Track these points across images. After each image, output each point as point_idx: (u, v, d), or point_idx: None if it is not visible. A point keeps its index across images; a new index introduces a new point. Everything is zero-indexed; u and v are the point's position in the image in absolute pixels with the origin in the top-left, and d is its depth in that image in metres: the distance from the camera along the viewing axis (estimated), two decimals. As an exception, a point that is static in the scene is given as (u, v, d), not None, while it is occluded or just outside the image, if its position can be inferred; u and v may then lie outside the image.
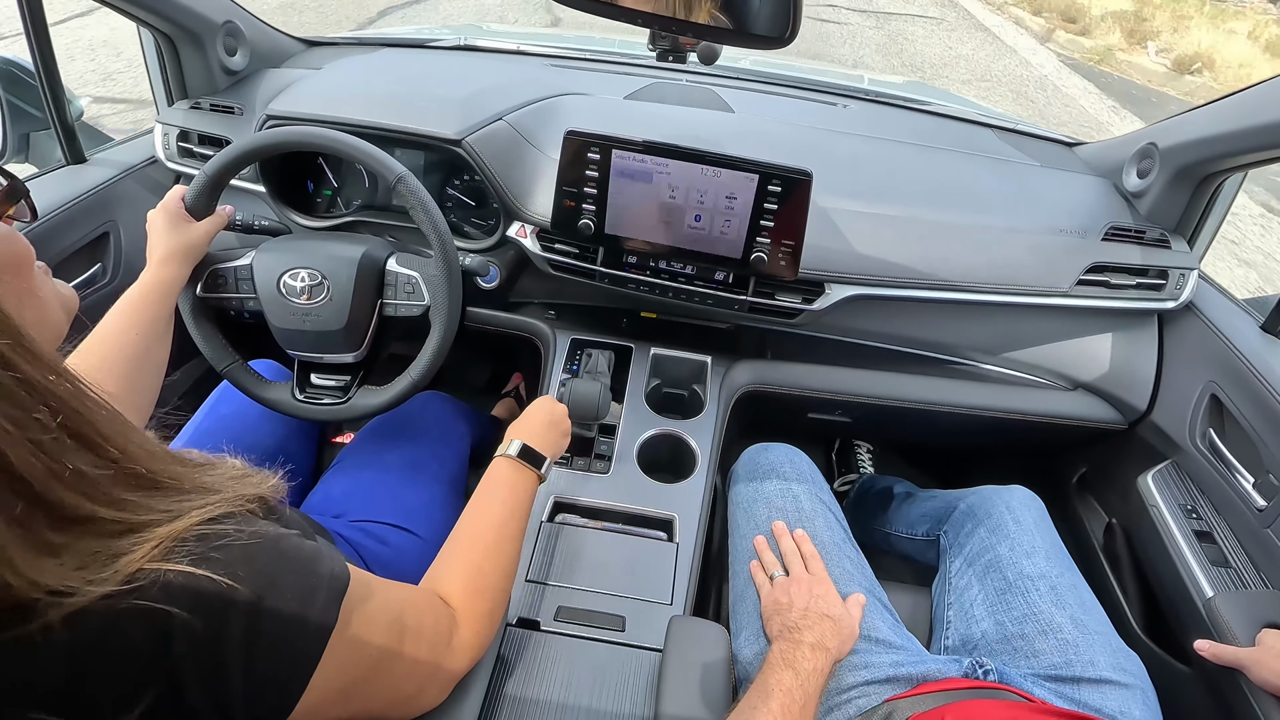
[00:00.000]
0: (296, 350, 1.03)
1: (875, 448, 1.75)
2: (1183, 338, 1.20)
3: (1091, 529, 1.32)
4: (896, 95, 1.60)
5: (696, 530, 0.99)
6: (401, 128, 1.12)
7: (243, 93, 1.32)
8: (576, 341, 1.20)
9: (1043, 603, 0.86)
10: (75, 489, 0.38)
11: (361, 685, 0.51)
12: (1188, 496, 1.12)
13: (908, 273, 1.11)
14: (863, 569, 0.93)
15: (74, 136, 1.24)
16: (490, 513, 0.74)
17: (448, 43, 1.60)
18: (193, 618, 0.39)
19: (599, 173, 1.01)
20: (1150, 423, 1.21)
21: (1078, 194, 1.26)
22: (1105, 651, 0.81)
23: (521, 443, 0.80)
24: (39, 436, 0.36)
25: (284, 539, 0.48)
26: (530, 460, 0.79)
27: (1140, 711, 0.77)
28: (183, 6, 1.18)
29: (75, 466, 0.38)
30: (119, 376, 0.79)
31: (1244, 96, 1.03)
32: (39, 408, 0.37)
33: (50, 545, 0.36)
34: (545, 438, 0.83)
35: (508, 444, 0.80)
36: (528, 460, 0.79)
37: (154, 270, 0.88)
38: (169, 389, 1.37)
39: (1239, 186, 1.18)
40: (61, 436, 0.38)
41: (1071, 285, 1.14)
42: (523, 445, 0.80)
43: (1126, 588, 1.19)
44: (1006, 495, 1.02)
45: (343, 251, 0.99)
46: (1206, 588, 0.99)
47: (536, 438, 0.82)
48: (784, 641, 0.78)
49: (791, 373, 1.23)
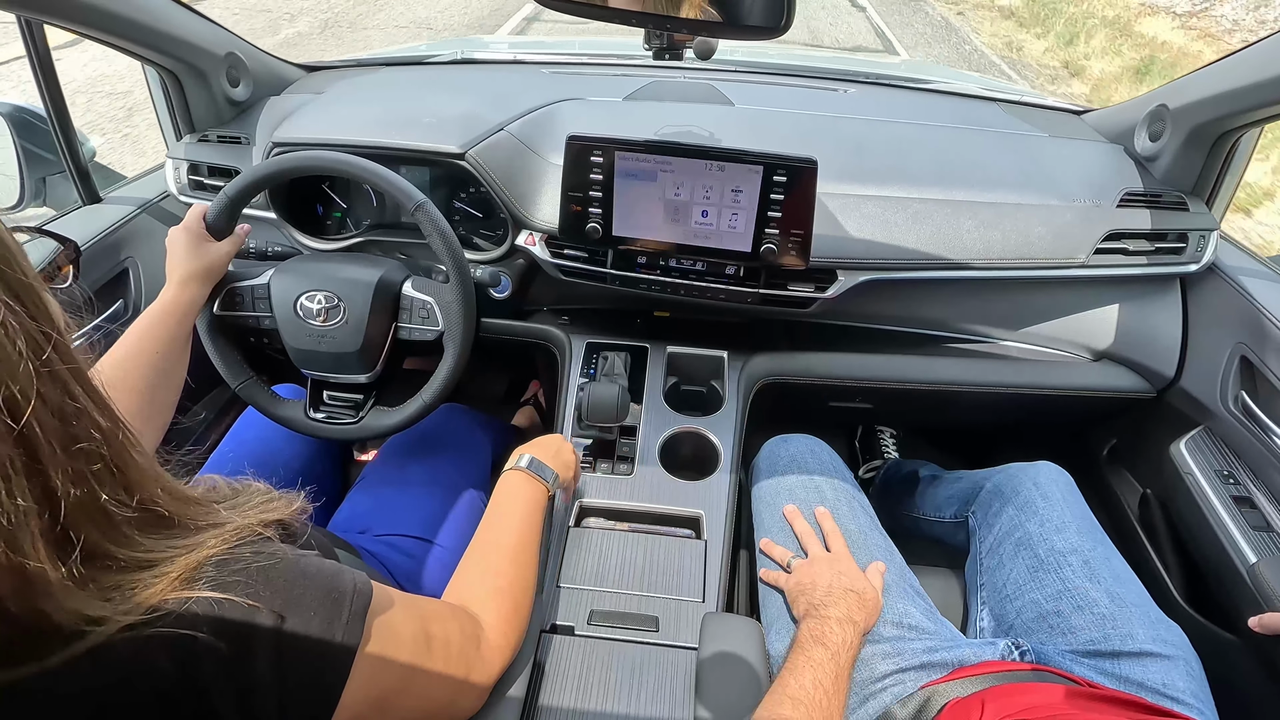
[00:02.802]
0: (311, 370, 1.05)
1: (899, 432, 1.73)
2: (1207, 300, 1.17)
3: (1126, 501, 1.29)
4: (897, 76, 1.58)
5: (724, 526, 0.98)
6: (404, 146, 1.13)
7: (248, 122, 1.34)
8: (592, 345, 1.20)
9: (1076, 578, 0.85)
10: (99, 528, 0.39)
11: (394, 698, 0.52)
12: (1223, 462, 1.10)
13: (920, 254, 1.10)
14: (891, 555, 0.93)
15: (88, 177, 1.27)
16: (504, 521, 0.76)
17: (445, 57, 1.61)
18: (218, 641, 0.40)
19: (603, 175, 1.02)
20: (1179, 389, 1.19)
21: (1089, 162, 1.23)
22: (1144, 623, 0.80)
23: (530, 456, 0.84)
24: (83, 467, 0.37)
25: (303, 559, 0.48)
26: (539, 473, 0.82)
27: (1184, 682, 0.75)
28: (186, 43, 1.20)
29: (104, 505, 0.39)
30: (138, 393, 0.81)
31: (1254, 50, 1.00)
32: (90, 438, 0.38)
33: (78, 577, 0.37)
34: (555, 460, 0.87)
35: (516, 459, 0.84)
36: (536, 473, 0.82)
37: (175, 290, 0.90)
38: (190, 426, 1.40)
39: (1255, 143, 1.15)
40: (103, 470, 0.39)
41: (1089, 255, 1.13)
42: (531, 458, 0.83)
43: (1166, 559, 1.17)
44: (1033, 471, 1.01)
45: (359, 275, 1.00)
46: (1249, 554, 0.97)
47: (546, 457, 0.86)
48: (811, 620, 0.78)
49: (809, 362, 1.22)
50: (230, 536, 0.45)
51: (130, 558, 0.40)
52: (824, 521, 0.93)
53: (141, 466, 0.42)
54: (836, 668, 0.72)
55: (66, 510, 0.36)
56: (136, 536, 0.41)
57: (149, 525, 0.42)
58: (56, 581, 0.35)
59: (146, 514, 0.42)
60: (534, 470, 0.82)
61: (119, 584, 0.39)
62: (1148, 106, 1.19)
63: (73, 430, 0.37)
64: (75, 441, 0.37)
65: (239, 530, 0.46)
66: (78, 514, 0.37)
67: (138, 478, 0.41)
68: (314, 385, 1.07)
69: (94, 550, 0.38)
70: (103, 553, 0.39)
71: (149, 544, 0.41)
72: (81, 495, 0.37)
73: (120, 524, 0.40)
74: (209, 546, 0.43)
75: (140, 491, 0.41)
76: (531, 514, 0.78)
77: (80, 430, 0.37)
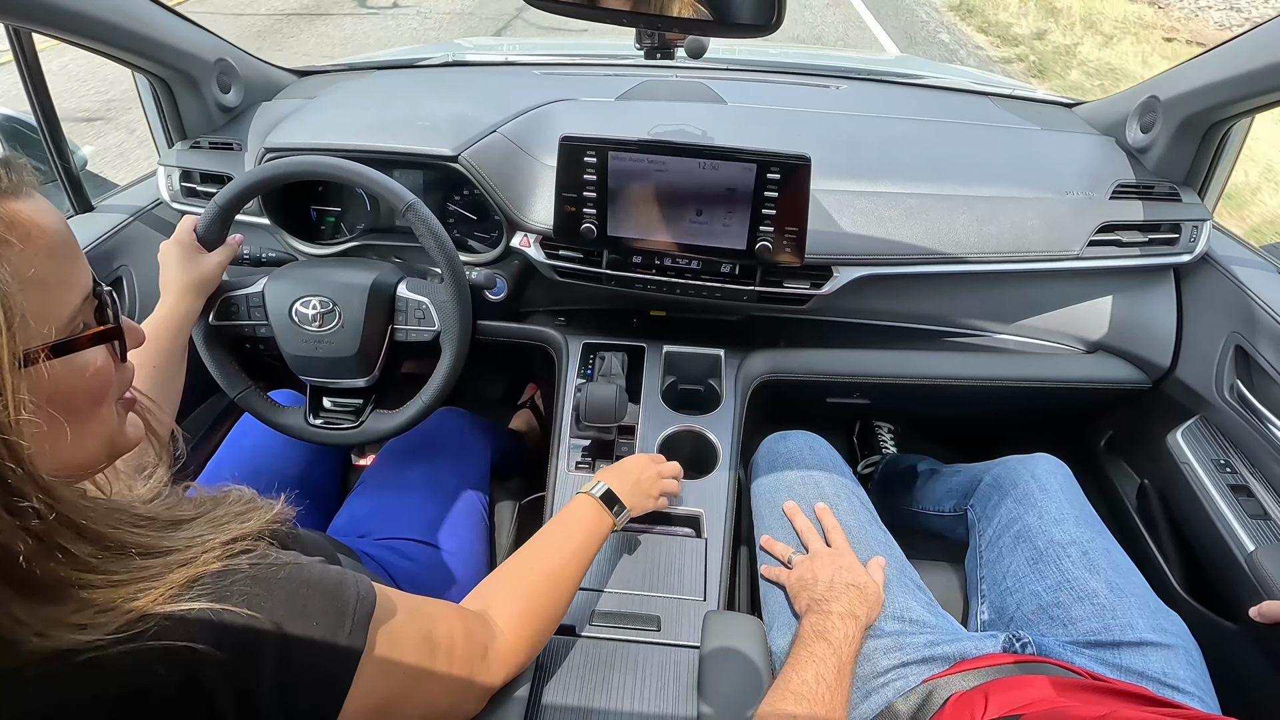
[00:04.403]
0: (309, 376, 1.04)
1: (897, 427, 1.73)
2: (1201, 290, 1.18)
3: (1124, 492, 1.30)
4: (888, 71, 1.59)
5: (724, 524, 0.99)
6: (397, 149, 1.13)
7: (239, 128, 1.33)
8: (589, 346, 1.20)
9: (1075, 569, 0.85)
10: (67, 566, 0.38)
11: (397, 703, 0.52)
12: (1220, 451, 1.10)
13: (915, 249, 1.10)
14: (892, 550, 0.93)
15: (80, 186, 1.26)
16: (558, 543, 0.75)
17: (436, 60, 1.60)
18: (218, 651, 0.40)
19: (597, 176, 1.02)
20: (1175, 379, 1.19)
21: (1081, 154, 1.24)
22: (1143, 613, 0.80)
23: (607, 486, 0.82)
24: (31, 524, 0.36)
25: (306, 567, 0.48)
26: (609, 504, 0.81)
27: (1185, 671, 0.75)
28: (176, 49, 1.20)
29: (69, 548, 0.38)
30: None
31: (1244, 41, 1.01)
32: (35, 498, 0.37)
33: (50, 595, 0.37)
34: (631, 493, 0.85)
35: (594, 484, 0.83)
36: (608, 504, 0.81)
37: (170, 304, 0.90)
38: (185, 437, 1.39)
39: (1246, 133, 1.16)
40: (55, 525, 0.38)
41: (1083, 247, 1.13)
42: (607, 489, 0.82)
43: (1165, 549, 1.17)
44: (1031, 464, 1.01)
45: (353, 279, 1.00)
46: (1247, 542, 0.97)
47: (623, 489, 0.84)
48: (813, 614, 0.79)
49: (806, 359, 1.23)
50: (220, 550, 0.44)
51: (106, 580, 0.40)
52: (824, 517, 0.93)
53: (101, 512, 0.41)
54: (839, 662, 0.72)
55: (24, 556, 0.36)
56: (110, 566, 0.40)
57: (122, 555, 0.41)
58: (21, 606, 0.36)
59: (115, 550, 0.41)
60: (605, 501, 0.81)
61: (99, 600, 0.39)
62: (1139, 98, 1.20)
63: (13, 494, 0.36)
64: (20, 502, 0.36)
65: (228, 544, 0.45)
66: (37, 557, 0.36)
67: (98, 524, 0.41)
68: (313, 391, 1.07)
69: (60, 581, 0.38)
70: (71, 583, 0.38)
71: (124, 568, 0.41)
72: (35, 545, 0.36)
73: (85, 561, 0.39)
74: (200, 563, 0.43)
75: (104, 534, 0.41)
76: (586, 544, 0.77)
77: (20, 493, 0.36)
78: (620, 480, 0.85)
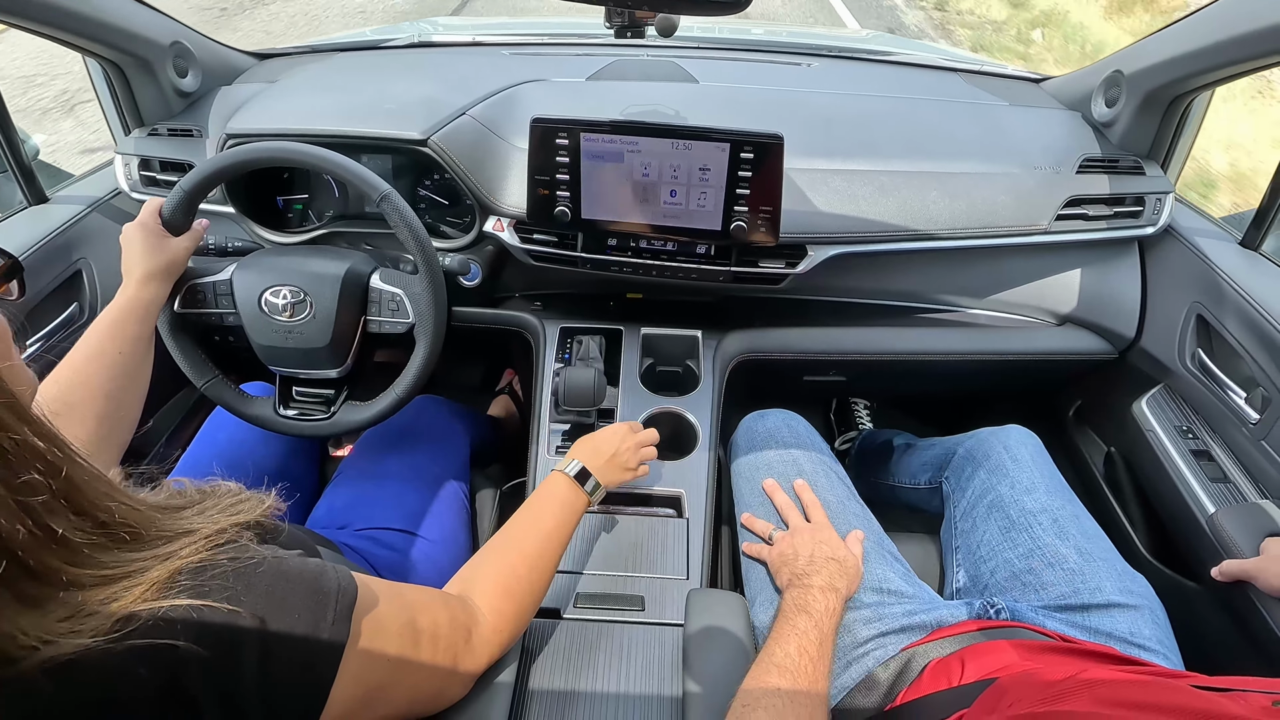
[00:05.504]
0: (279, 366, 1.03)
1: (873, 404, 1.76)
2: (1165, 262, 1.21)
3: (1092, 460, 1.33)
4: (859, 49, 1.59)
5: (705, 503, 0.99)
6: (364, 134, 1.11)
7: (199, 114, 1.29)
8: (566, 330, 1.20)
9: (1046, 536, 0.87)
10: (59, 556, 0.38)
11: (382, 691, 0.52)
12: (1182, 418, 1.14)
13: (888, 227, 1.11)
14: (869, 523, 0.95)
15: (33, 177, 1.21)
16: (535, 522, 0.75)
17: (401, 41, 1.57)
18: (200, 648, 0.40)
19: (569, 158, 1.00)
20: (1140, 349, 1.22)
21: (1048, 129, 1.25)
22: (1111, 576, 0.83)
23: (581, 464, 0.82)
24: (29, 499, 0.36)
25: (285, 560, 0.48)
26: (582, 483, 0.81)
27: (1150, 630, 0.78)
28: (128, 32, 1.15)
29: (62, 532, 0.37)
30: (103, 396, 0.78)
31: (1204, 15, 1.02)
32: (32, 470, 0.36)
33: (33, 598, 0.36)
34: (605, 468, 0.85)
35: (568, 462, 0.83)
36: (581, 482, 0.81)
37: (134, 288, 0.87)
38: (158, 430, 1.36)
39: (1207, 105, 1.18)
40: (51, 500, 0.37)
41: (1050, 221, 1.15)
42: (581, 467, 0.82)
43: (1131, 514, 1.21)
44: (1003, 435, 1.03)
45: (326, 268, 0.98)
46: (1208, 504, 1.01)
47: (597, 466, 0.84)
48: (795, 589, 0.80)
49: (782, 338, 1.24)
50: (203, 543, 0.44)
51: (94, 576, 0.39)
52: (803, 493, 0.94)
53: (94, 489, 0.41)
54: (820, 635, 0.74)
55: (20, 546, 0.35)
56: (99, 556, 0.40)
57: (111, 543, 0.41)
58: (9, 605, 0.35)
59: (106, 533, 0.41)
60: (579, 479, 0.81)
61: (82, 601, 0.38)
62: (1104, 73, 1.21)
63: (11, 464, 0.35)
64: (16, 477, 0.35)
65: (212, 536, 0.45)
66: (30, 546, 0.36)
67: (90, 501, 0.40)
68: (283, 382, 1.05)
69: (51, 575, 0.37)
70: (61, 576, 0.38)
71: (112, 560, 0.40)
72: (31, 528, 0.36)
73: (78, 548, 0.39)
74: (181, 556, 0.42)
75: (95, 514, 0.40)
76: (564, 523, 0.77)
77: (19, 464, 0.36)
78: (594, 456, 0.85)
